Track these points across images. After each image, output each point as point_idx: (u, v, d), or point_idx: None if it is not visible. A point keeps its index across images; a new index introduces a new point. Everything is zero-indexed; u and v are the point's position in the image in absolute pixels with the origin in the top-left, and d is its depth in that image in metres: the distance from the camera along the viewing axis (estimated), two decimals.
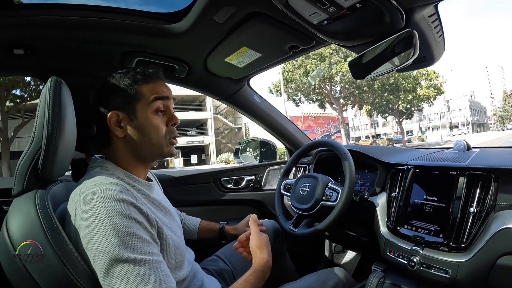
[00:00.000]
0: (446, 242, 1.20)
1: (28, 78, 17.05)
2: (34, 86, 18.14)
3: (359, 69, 1.25)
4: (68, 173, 1.39)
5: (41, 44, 1.33)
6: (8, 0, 1.16)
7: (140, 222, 0.89)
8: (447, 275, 1.17)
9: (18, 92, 18.51)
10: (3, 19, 1.18)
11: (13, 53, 1.33)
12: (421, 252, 1.26)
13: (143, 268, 0.82)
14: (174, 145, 1.14)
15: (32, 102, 18.43)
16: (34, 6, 1.24)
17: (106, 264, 0.80)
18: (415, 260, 1.25)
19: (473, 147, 1.56)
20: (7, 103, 18.45)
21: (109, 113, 1.03)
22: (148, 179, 1.19)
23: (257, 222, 1.27)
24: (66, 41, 1.35)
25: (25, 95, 18.53)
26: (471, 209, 1.17)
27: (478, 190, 1.20)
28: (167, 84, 1.15)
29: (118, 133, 1.04)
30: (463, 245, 1.16)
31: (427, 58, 1.22)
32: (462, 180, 1.24)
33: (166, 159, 1.15)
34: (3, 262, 0.84)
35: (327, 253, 2.38)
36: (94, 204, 0.85)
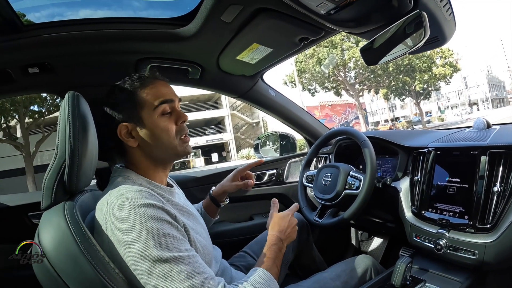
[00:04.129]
0: (471, 223, 1.19)
1: (45, 94, 17.35)
2: (51, 101, 18.49)
3: (371, 55, 1.24)
4: (93, 182, 1.42)
5: (55, 61, 1.36)
6: (17, 22, 1.18)
7: (171, 222, 0.93)
8: (474, 257, 1.16)
9: (36, 108, 18.93)
10: (15, 41, 1.21)
11: (29, 73, 1.36)
12: (447, 235, 1.25)
13: (183, 264, 0.86)
14: (188, 142, 1.15)
15: (51, 116, 18.83)
16: (44, 25, 1.27)
17: (149, 267, 0.84)
18: (441, 243, 1.25)
19: (493, 124, 1.53)
20: (26, 119, 18.84)
21: (118, 126, 1.05)
22: (169, 185, 1.21)
23: (276, 205, 1.28)
24: (79, 56, 1.38)
25: (43, 110, 18.91)
26: (495, 188, 1.16)
27: (501, 169, 1.17)
28: (170, 84, 1.16)
29: (131, 143, 1.06)
30: (488, 226, 1.15)
31: (439, 38, 1.21)
32: (484, 159, 1.21)
33: (187, 159, 1.16)
34: (39, 276, 0.87)
35: (353, 241, 2.38)
36: (125, 212, 0.87)
